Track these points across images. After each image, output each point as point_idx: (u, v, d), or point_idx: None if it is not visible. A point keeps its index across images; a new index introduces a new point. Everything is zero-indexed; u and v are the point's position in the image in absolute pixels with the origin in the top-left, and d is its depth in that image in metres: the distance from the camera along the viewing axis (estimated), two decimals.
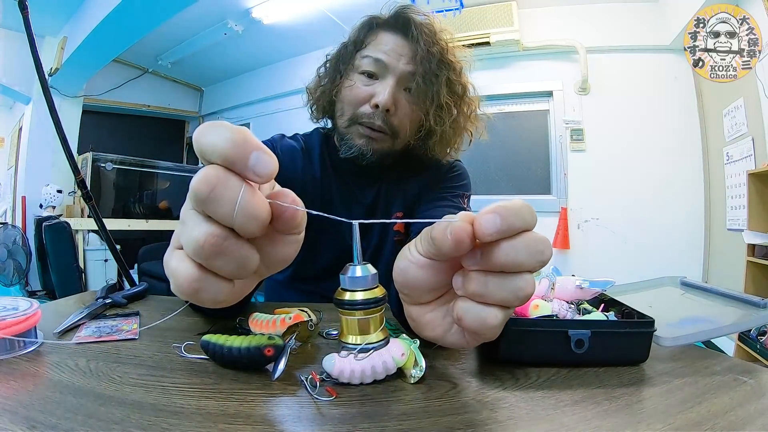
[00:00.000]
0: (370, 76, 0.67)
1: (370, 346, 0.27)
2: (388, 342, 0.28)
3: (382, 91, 0.64)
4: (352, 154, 0.68)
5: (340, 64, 0.71)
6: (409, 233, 0.74)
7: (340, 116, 0.71)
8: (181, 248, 0.24)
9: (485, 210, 0.26)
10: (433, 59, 0.65)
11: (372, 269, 0.27)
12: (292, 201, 0.25)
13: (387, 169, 0.76)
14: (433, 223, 0.27)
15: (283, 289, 0.81)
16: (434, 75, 0.65)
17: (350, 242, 0.28)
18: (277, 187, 0.28)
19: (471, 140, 0.78)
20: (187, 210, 0.24)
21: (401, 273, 0.31)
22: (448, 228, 0.26)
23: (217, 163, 0.22)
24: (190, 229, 0.23)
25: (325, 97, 0.73)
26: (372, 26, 0.70)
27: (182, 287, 0.24)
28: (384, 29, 0.69)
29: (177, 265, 0.24)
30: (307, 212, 0.25)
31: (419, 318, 0.33)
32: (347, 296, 0.26)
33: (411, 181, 0.77)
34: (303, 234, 0.28)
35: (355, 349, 0.27)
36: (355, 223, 0.26)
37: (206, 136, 0.22)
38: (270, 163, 0.22)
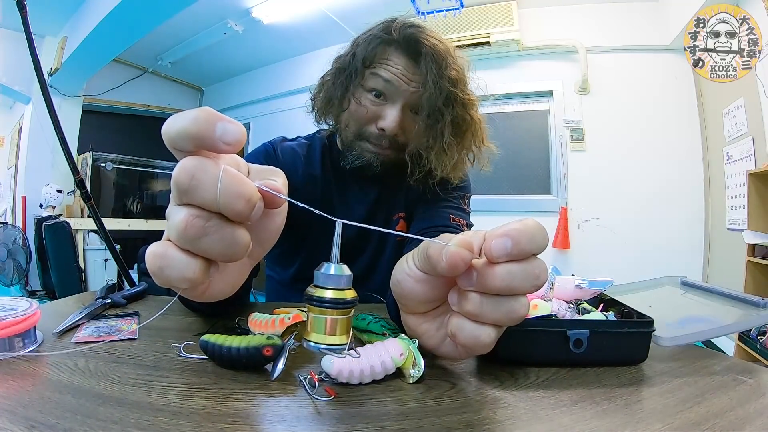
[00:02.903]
0: (378, 95, 0.66)
1: (331, 347, 0.26)
2: (350, 348, 0.27)
3: (389, 116, 0.64)
4: (359, 164, 0.68)
5: (348, 77, 0.68)
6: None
7: (346, 128, 0.70)
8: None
9: (498, 231, 0.26)
10: (440, 95, 0.63)
11: (347, 270, 0.27)
12: (283, 184, 0.26)
13: (388, 169, 0.75)
14: (434, 233, 0.28)
15: (284, 290, 0.81)
16: (439, 113, 0.65)
17: (350, 239, 0.28)
18: (252, 166, 0.28)
19: (473, 164, 0.77)
20: (171, 206, 0.24)
21: (397, 284, 0.32)
22: (444, 250, 0.26)
23: (188, 150, 0.23)
24: (173, 217, 0.23)
25: (331, 104, 0.72)
26: (383, 42, 0.67)
27: (147, 265, 0.23)
28: (394, 47, 0.67)
29: (149, 248, 0.24)
30: (302, 210, 0.25)
31: (415, 328, 0.34)
32: (317, 293, 0.26)
33: (412, 189, 0.76)
34: (284, 204, 0.28)
35: (317, 348, 0.26)
36: (339, 222, 0.26)
37: (172, 125, 0.23)
38: (236, 130, 0.23)
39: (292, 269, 0.77)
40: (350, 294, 0.27)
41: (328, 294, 0.26)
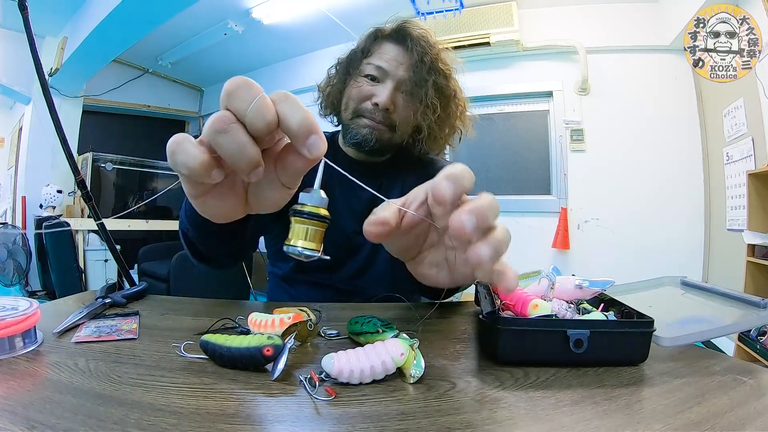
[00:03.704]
0: (373, 79, 0.76)
1: (310, 251, 0.32)
2: (317, 253, 0.33)
3: (382, 93, 0.74)
4: (356, 140, 0.77)
5: (349, 67, 0.81)
6: None
7: (345, 110, 0.80)
8: None
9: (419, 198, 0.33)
10: (424, 67, 0.75)
11: (324, 195, 0.33)
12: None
13: (386, 166, 0.84)
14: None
15: (287, 284, 0.84)
16: (423, 80, 0.75)
17: (349, 233, 0.32)
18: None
19: (461, 137, 0.88)
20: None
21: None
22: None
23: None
24: (213, 115, 0.28)
25: (334, 93, 0.83)
26: (377, 37, 0.80)
27: (167, 147, 0.28)
28: (387, 40, 0.79)
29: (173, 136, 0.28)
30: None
31: (414, 271, 0.39)
32: (299, 207, 0.32)
33: (408, 178, 0.83)
34: (293, 191, 0.33)
35: (296, 250, 0.32)
36: (322, 161, 0.31)
37: (292, 110, 0.28)
38: (321, 146, 0.29)
39: (293, 262, 0.81)
40: (324, 212, 0.33)
41: (308, 209, 0.32)
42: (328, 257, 0.34)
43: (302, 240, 0.32)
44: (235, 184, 0.33)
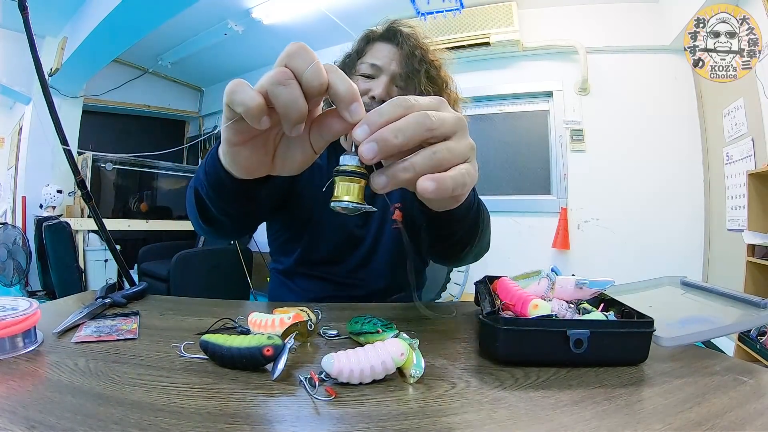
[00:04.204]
0: (368, 77, 0.79)
1: (353, 204, 0.35)
2: (362, 205, 0.35)
3: (378, 86, 0.78)
4: None
5: (345, 69, 0.83)
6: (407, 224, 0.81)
7: None
8: None
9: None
10: (415, 59, 0.79)
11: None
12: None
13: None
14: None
15: (288, 280, 0.86)
16: (416, 70, 0.79)
17: (350, 227, 0.34)
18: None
19: None
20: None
21: None
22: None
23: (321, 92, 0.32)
24: (273, 69, 0.32)
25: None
26: (369, 39, 0.85)
27: (226, 88, 0.32)
28: (379, 40, 0.83)
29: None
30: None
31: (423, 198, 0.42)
32: (342, 167, 0.36)
33: None
34: (317, 156, 0.38)
35: (342, 203, 0.35)
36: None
37: (338, 79, 0.32)
38: (361, 112, 0.33)
39: (295, 254, 0.83)
40: (363, 169, 0.36)
41: (350, 168, 0.36)
42: (375, 209, 0.38)
43: (348, 195, 0.36)
44: (268, 141, 0.38)
